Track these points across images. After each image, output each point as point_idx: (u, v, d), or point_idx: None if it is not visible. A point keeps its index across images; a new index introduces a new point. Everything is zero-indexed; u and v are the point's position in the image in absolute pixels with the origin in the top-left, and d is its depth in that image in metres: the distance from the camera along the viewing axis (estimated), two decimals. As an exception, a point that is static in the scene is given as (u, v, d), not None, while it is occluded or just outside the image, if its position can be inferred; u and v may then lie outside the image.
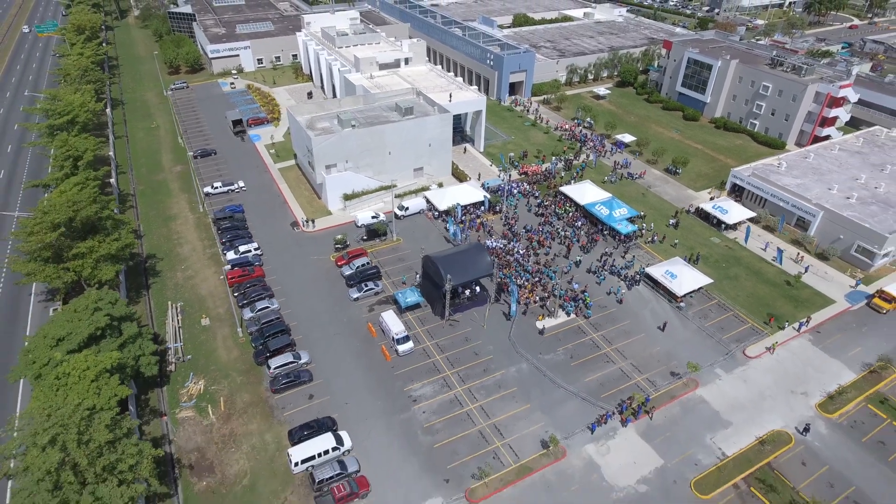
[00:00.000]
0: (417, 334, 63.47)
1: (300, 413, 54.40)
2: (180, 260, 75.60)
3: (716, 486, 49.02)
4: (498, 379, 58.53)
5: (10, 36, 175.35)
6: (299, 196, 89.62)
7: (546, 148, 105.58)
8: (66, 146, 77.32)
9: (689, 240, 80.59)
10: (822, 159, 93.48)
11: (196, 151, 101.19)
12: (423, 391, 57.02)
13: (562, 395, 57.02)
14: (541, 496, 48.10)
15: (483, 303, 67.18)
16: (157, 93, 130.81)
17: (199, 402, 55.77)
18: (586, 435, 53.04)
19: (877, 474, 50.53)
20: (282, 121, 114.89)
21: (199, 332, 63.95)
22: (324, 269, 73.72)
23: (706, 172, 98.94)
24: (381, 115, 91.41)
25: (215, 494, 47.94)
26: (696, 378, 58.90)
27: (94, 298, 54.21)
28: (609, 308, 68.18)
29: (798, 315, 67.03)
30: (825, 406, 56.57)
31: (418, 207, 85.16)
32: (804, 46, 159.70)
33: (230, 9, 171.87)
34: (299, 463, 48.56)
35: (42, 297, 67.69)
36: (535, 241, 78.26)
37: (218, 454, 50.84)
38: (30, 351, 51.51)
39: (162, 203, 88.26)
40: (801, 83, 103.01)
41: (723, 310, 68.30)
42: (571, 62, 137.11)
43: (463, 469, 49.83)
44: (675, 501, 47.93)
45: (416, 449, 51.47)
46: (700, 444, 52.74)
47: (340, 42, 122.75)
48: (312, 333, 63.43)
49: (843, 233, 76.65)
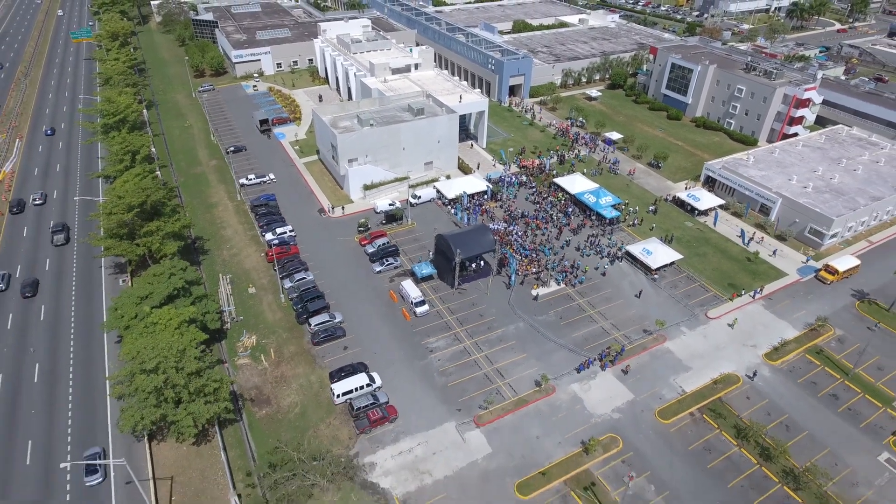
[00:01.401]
0: (432, 300, 75.31)
1: (337, 360, 66.24)
2: (225, 240, 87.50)
3: (675, 414, 60.92)
4: (499, 334, 70.40)
5: (41, 41, 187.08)
6: (323, 186, 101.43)
7: (542, 144, 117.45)
8: (125, 142, 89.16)
9: (666, 223, 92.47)
10: (786, 154, 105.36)
11: (229, 147, 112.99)
12: (437, 344, 68.90)
13: (552, 347, 68.90)
14: (534, 421, 59.97)
15: (486, 274, 79.06)
16: (186, 94, 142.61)
17: (253, 352, 67.61)
18: (572, 376, 64.92)
19: (807, 406, 62.44)
20: (303, 120, 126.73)
21: (246, 299, 75.83)
22: (349, 248, 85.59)
23: (685, 166, 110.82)
24: (396, 115, 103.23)
25: (273, 420, 59.80)
26: (665, 334, 70.79)
27: (168, 266, 66.22)
28: (594, 280, 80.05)
29: (754, 285, 78.92)
30: (770, 355, 68.45)
31: (429, 196, 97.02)
32: (783, 51, 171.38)
33: (248, 16, 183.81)
34: (340, 395, 60.42)
35: (111, 271, 79.57)
36: (531, 224, 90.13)
37: (273, 391, 62.69)
38: (117, 308, 63.51)
39: (203, 193, 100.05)
40: (771, 86, 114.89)
41: (691, 281, 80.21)
42: (566, 66, 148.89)
43: (471, 402, 61.69)
44: (641, 425, 59.82)
45: (434, 386, 63.37)
46: (664, 383, 64.63)
47: (355, 48, 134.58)
48: (343, 299, 75.27)
49: (798, 217, 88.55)
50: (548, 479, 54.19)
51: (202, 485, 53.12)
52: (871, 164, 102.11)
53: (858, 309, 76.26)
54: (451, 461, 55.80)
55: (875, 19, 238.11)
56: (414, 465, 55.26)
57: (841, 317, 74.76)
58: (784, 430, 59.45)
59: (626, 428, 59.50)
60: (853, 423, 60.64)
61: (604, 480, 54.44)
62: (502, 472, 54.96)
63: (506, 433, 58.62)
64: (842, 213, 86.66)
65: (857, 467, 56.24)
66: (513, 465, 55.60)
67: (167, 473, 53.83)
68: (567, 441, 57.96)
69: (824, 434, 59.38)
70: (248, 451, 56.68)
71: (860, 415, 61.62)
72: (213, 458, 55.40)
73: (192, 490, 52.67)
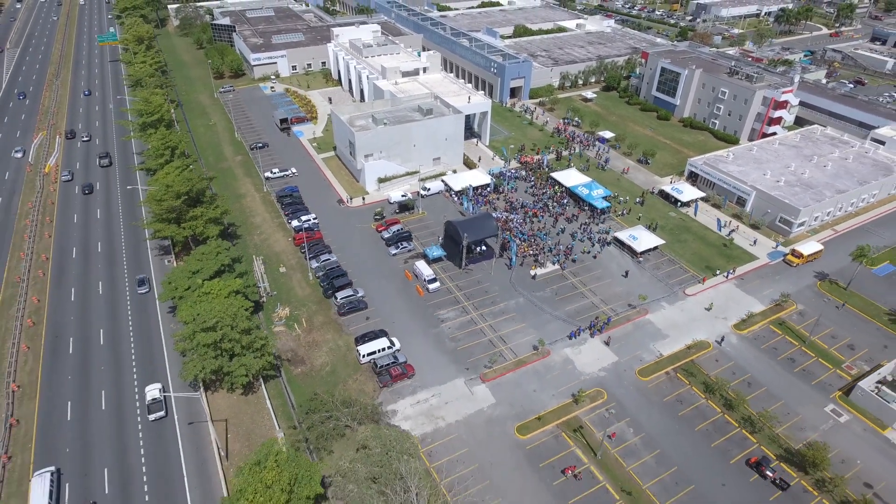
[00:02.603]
0: (442, 278, 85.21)
1: (361, 328, 76.13)
2: (255, 227, 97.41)
3: (653, 373, 70.87)
4: (501, 307, 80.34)
5: (66, 44, 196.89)
6: (341, 179, 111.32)
7: (540, 142, 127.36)
8: (165, 139, 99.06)
9: (652, 213, 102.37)
10: (763, 152, 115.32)
11: (254, 144, 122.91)
12: (448, 315, 78.83)
13: (548, 318, 78.83)
14: (532, 378, 69.91)
15: (490, 256, 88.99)
16: (208, 95, 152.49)
17: (287, 321, 77.52)
18: (565, 342, 74.85)
19: (767, 368, 72.40)
20: (319, 119, 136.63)
21: (278, 277, 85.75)
22: (367, 234, 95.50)
23: (671, 162, 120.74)
24: (407, 115, 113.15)
25: (308, 377, 69.72)
26: (647, 307, 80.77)
27: (215, 246, 76.19)
28: (586, 262, 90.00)
29: (728, 267, 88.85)
30: (738, 326, 78.40)
31: (438, 188, 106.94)
32: (769, 55, 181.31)
33: (263, 20, 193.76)
34: (365, 356, 70.31)
35: (156, 253, 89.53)
36: (529, 213, 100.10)
37: (306, 353, 72.60)
38: (170, 281, 73.38)
39: (231, 185, 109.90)
40: (751, 89, 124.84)
41: (672, 263, 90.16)
42: (564, 69, 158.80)
43: (477, 362, 71.60)
44: (624, 381, 69.78)
45: (445, 350, 73.29)
46: (645, 348, 74.58)
47: (366, 52, 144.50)
48: (364, 278, 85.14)
49: (770, 207, 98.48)
50: (543, 423, 64.16)
51: (252, 426, 63.09)
52: (841, 160, 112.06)
53: (819, 288, 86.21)
54: (461, 409, 65.75)
55: (861, 24, 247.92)
56: (429, 412, 65.20)
57: (804, 294, 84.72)
58: (746, 386, 69.40)
59: (611, 383, 69.46)
60: (806, 381, 70.60)
61: (590, 425, 64.37)
62: (504, 418, 64.92)
63: (507, 387, 68.57)
64: (808, 205, 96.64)
65: (806, 415, 66.21)
66: (513, 413, 65.54)
67: (222, 417, 63.78)
68: (559, 394, 67.90)
69: (780, 390, 69.34)
70: (288, 400, 66.61)
71: (812, 374, 71.60)
72: (259, 406, 65.38)
73: (244, 430, 62.63)
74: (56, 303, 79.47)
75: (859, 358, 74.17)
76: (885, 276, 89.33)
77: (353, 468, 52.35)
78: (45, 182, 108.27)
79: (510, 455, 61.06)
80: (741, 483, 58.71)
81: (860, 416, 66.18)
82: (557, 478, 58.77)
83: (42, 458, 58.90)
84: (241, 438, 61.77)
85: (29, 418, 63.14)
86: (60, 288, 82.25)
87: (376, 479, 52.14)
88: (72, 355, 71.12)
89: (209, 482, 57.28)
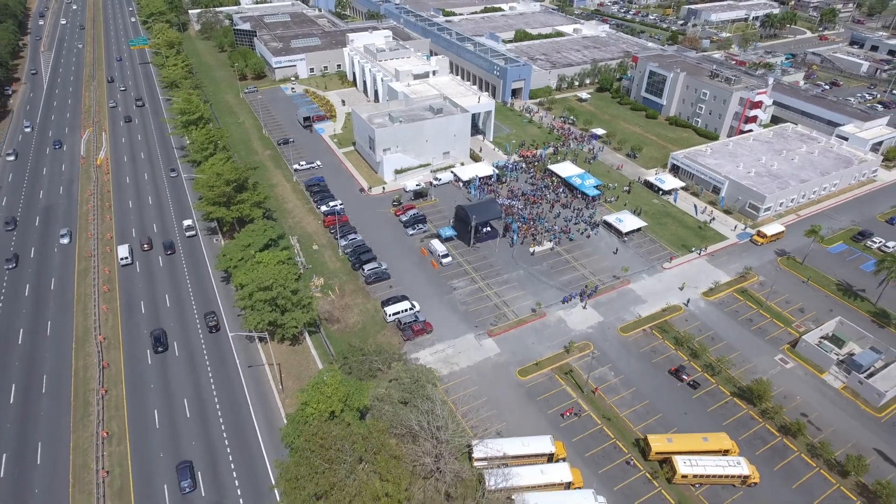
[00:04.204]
0: (453, 254, 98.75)
1: (385, 294, 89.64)
2: (288, 212, 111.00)
3: (632, 330, 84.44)
4: (505, 278, 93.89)
5: (97, 47, 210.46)
6: (361, 171, 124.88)
7: (539, 139, 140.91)
8: (209, 134, 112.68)
9: (637, 200, 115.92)
10: (738, 147, 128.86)
11: (280, 140, 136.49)
12: (459, 284, 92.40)
13: (544, 286, 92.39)
14: (530, 333, 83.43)
15: (495, 236, 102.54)
16: (234, 95, 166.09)
17: (322, 289, 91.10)
18: (559, 306, 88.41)
19: (728, 326, 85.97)
20: (338, 117, 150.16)
21: (312, 253, 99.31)
22: (387, 218, 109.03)
23: (657, 156, 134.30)
24: (419, 113, 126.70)
25: (343, 332, 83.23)
26: (629, 278, 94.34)
27: (262, 225, 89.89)
28: (578, 241, 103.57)
29: (701, 245, 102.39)
30: (706, 293, 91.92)
31: (448, 179, 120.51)
32: (752, 58, 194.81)
33: (280, 24, 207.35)
34: (390, 315, 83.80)
35: (205, 233, 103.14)
36: (529, 200, 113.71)
37: (341, 314, 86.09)
38: (225, 254, 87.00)
39: (264, 176, 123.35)
40: (729, 90, 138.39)
41: (653, 243, 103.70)
42: (561, 72, 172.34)
43: (485, 321, 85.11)
44: (607, 336, 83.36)
45: (457, 311, 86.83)
46: (626, 310, 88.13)
47: (380, 56, 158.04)
48: (386, 254, 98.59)
49: (740, 195, 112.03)
50: (539, 368, 77.76)
51: (300, 369, 76.70)
52: (807, 154, 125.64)
53: (779, 263, 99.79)
54: (472, 357, 79.34)
55: (844, 27, 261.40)
56: (446, 359, 78.75)
57: (765, 268, 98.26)
58: (710, 340, 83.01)
59: (596, 338, 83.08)
60: (760, 337, 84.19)
61: (578, 369, 77.92)
62: (507, 364, 78.53)
63: (510, 341, 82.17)
64: (773, 192, 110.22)
65: (758, 363, 79.75)
66: (515, 360, 79.14)
67: (275, 362, 77.34)
68: (554, 345, 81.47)
69: (738, 343, 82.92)
70: (327, 350, 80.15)
71: (766, 331, 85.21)
72: (304, 353, 79.03)
73: (293, 372, 76.24)
74: (124, 273, 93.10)
75: (808, 319, 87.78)
76: (838, 254, 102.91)
77: (388, 393, 65.65)
78: (99, 173, 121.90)
79: (512, 392, 74.68)
80: (700, 412, 72.32)
81: (803, 363, 79.76)
82: (551, 408, 72.40)
83: (131, 394, 72.48)
84: (292, 378, 75.37)
85: (116, 363, 76.77)
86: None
87: (406, 402, 65.58)
88: (143, 314, 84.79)
89: (269, 410, 70.98)
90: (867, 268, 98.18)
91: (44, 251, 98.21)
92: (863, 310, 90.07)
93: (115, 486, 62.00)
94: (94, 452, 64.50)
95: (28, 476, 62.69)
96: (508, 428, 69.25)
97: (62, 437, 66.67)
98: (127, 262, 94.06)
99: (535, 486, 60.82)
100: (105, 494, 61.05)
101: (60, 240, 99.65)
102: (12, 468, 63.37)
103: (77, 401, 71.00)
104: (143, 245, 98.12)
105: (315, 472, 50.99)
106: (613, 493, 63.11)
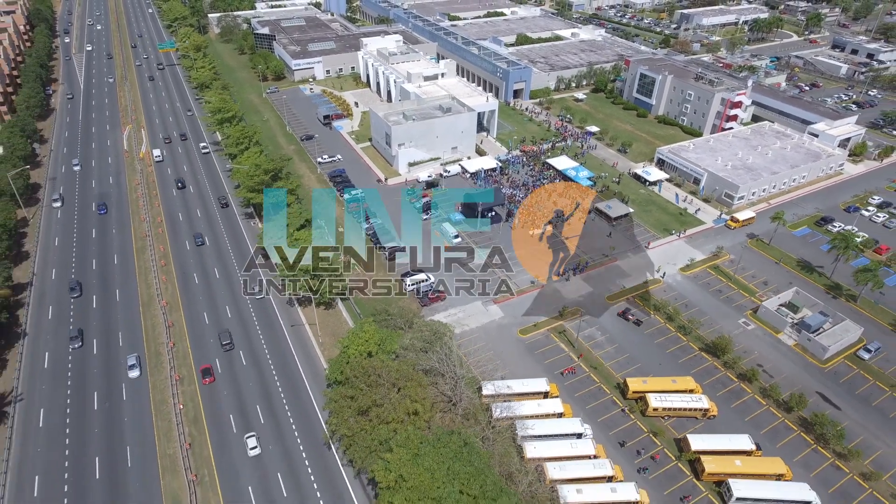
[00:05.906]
0: (462, 236, 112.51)
1: (404, 267, 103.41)
2: (314, 199, 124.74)
3: (617, 298, 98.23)
4: (508, 256, 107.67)
5: (124, 49, 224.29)
6: (378, 164, 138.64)
7: (538, 136, 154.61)
8: (244, 130, 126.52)
9: (626, 190, 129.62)
10: (718, 143, 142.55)
11: (304, 136, 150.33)
12: (467, 259, 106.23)
13: (542, 263, 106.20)
14: (530, 301, 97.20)
15: (499, 220, 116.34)
16: (256, 95, 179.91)
17: (350, 265, 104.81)
18: (554, 279, 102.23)
19: (700, 296, 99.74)
20: (354, 115, 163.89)
21: (338, 235, 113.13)
22: (403, 205, 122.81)
23: (645, 151, 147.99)
24: (430, 112, 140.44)
25: (369, 299, 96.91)
26: (616, 256, 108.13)
27: (297, 208, 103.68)
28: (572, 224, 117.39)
29: (680, 229, 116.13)
30: (683, 269, 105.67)
31: (456, 171, 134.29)
32: (739, 61, 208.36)
33: (296, 29, 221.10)
34: (410, 285, 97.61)
35: (243, 218, 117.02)
36: (529, 189, 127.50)
37: (366, 284, 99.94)
38: (266, 232, 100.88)
39: (291, 168, 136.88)
40: (711, 91, 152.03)
41: (638, 226, 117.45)
42: (559, 74, 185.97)
43: (491, 291, 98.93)
44: (596, 303, 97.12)
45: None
46: (613, 283, 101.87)
47: (392, 59, 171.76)
48: (403, 234, 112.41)
49: (717, 185, 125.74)
50: (537, 328, 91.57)
51: (335, 328, 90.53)
52: (780, 150, 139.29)
53: (749, 244, 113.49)
54: (480, 319, 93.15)
55: (830, 31, 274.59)
56: (457, 321, 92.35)
57: (736, 248, 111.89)
58: (684, 308, 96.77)
59: (586, 304, 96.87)
60: (728, 305, 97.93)
61: (571, 330, 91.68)
62: (510, 325, 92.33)
63: (512, 306, 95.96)
64: (746, 183, 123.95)
65: (724, 325, 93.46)
66: (517, 322, 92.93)
67: (313, 322, 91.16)
68: (550, 310, 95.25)
69: (708, 309, 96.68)
70: (356, 313, 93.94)
71: (733, 300, 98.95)
72: (337, 316, 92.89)
73: (329, 330, 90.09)
74: (176, 250, 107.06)
75: (770, 290, 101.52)
76: (802, 237, 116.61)
77: (412, 343, 79.28)
78: (143, 165, 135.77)
79: (514, 346, 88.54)
80: (672, 363, 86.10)
81: (763, 326, 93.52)
82: (547, 359, 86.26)
83: (196, 352, 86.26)
84: (328, 335, 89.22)
85: (179, 322, 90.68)
86: (177, 240, 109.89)
87: (426, 350, 79.31)
88: (198, 284, 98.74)
89: (311, 359, 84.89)
90: (825, 248, 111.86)
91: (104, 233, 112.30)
92: (819, 283, 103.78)
93: (190, 416, 75.93)
94: (169, 391, 78.45)
95: (117, 408, 76.59)
96: (511, 374, 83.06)
97: (142, 379, 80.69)
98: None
99: (532, 416, 74.62)
100: (182, 422, 74.94)
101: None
102: (102, 402, 77.28)
103: (150, 351, 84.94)
104: (197, 241, 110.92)
105: (359, 392, 64.83)
106: (598, 423, 76.95)
